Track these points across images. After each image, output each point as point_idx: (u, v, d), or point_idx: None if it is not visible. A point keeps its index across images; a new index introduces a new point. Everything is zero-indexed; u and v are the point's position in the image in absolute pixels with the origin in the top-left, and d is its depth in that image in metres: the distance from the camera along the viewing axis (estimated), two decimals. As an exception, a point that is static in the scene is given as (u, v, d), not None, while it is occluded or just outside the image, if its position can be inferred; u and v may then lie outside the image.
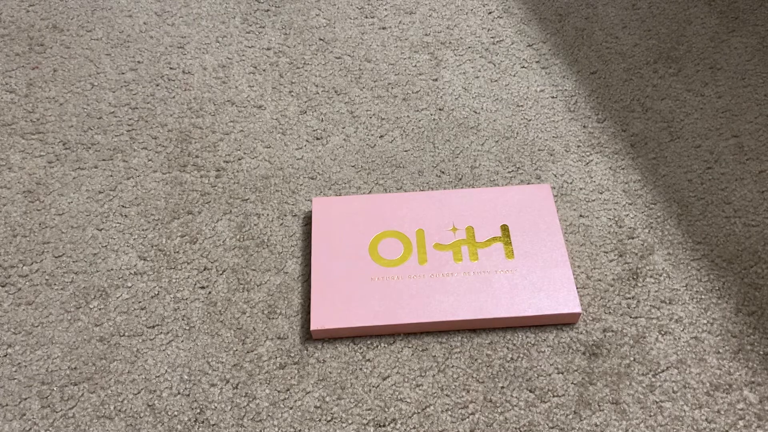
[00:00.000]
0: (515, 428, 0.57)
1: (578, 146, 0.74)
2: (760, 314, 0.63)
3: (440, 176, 0.72)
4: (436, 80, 0.80)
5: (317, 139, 0.75)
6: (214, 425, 0.57)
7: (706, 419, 0.57)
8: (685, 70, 0.80)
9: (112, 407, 0.58)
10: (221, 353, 0.61)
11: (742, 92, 0.78)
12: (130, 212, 0.70)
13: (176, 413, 0.58)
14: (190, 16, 0.87)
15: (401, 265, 0.63)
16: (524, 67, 0.82)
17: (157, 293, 0.64)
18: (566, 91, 0.79)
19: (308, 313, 0.63)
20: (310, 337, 0.62)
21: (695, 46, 0.83)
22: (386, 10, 0.88)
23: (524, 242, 0.65)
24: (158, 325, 0.63)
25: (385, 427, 0.57)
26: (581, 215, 0.69)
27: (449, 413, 0.58)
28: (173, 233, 0.68)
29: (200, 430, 0.57)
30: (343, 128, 0.76)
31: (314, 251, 0.64)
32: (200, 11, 0.88)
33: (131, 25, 0.86)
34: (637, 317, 0.62)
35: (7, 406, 0.58)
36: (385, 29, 0.86)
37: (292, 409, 0.58)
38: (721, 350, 0.61)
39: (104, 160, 0.74)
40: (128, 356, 0.61)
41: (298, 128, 0.76)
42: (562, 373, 0.60)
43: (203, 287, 0.65)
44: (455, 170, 0.73)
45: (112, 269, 0.66)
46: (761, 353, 0.60)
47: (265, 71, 0.81)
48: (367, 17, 0.87)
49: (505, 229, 0.66)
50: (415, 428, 0.57)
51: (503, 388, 0.59)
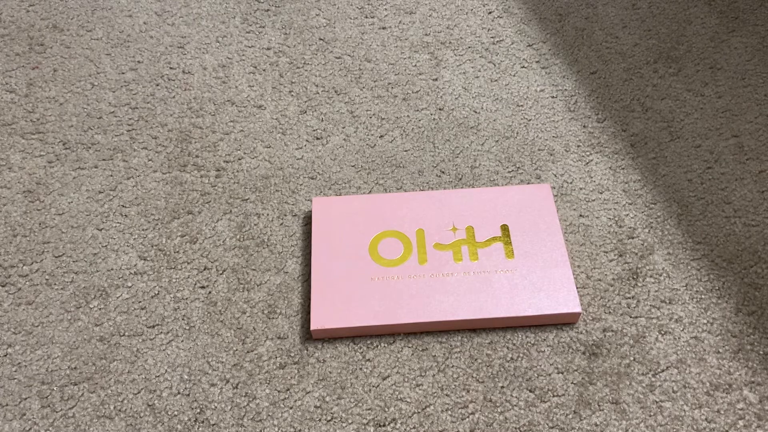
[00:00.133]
0: (515, 428, 0.57)
1: (578, 146, 0.74)
2: (760, 314, 0.63)
3: (440, 176, 0.72)
4: (436, 80, 0.80)
5: (317, 138, 0.75)
6: (214, 425, 0.57)
7: (706, 419, 0.57)
8: (685, 70, 0.80)
9: (112, 407, 0.58)
10: (221, 353, 0.61)
11: (742, 92, 0.78)
12: (130, 212, 0.70)
13: (176, 413, 0.58)
14: (190, 16, 0.87)
15: (401, 265, 0.63)
16: (524, 67, 0.82)
17: (157, 293, 0.64)
18: (566, 91, 0.79)
19: (308, 312, 0.63)
20: (310, 336, 0.62)
21: (695, 46, 0.83)
22: (386, 10, 0.88)
23: (524, 242, 0.65)
24: (158, 324, 0.63)
25: (385, 426, 0.57)
26: (581, 215, 0.69)
27: (449, 413, 0.58)
28: (173, 233, 0.68)
29: (200, 430, 0.57)
30: (343, 128, 0.76)
31: (314, 251, 0.64)
32: (200, 11, 0.88)
33: (131, 25, 0.86)
34: (637, 317, 0.62)
35: (7, 406, 0.58)
36: (385, 29, 0.86)
37: (292, 408, 0.58)
38: (721, 350, 0.61)
39: (104, 159, 0.74)
40: (128, 356, 0.61)
41: (298, 128, 0.76)
42: (562, 372, 0.60)
43: (203, 287, 0.65)
44: (455, 170, 0.73)
45: (112, 269, 0.66)
46: (761, 353, 0.60)
47: (265, 71, 0.81)
48: (367, 17, 0.87)
49: (505, 228, 0.66)
50: (415, 428, 0.57)
51: (503, 387, 0.59)
